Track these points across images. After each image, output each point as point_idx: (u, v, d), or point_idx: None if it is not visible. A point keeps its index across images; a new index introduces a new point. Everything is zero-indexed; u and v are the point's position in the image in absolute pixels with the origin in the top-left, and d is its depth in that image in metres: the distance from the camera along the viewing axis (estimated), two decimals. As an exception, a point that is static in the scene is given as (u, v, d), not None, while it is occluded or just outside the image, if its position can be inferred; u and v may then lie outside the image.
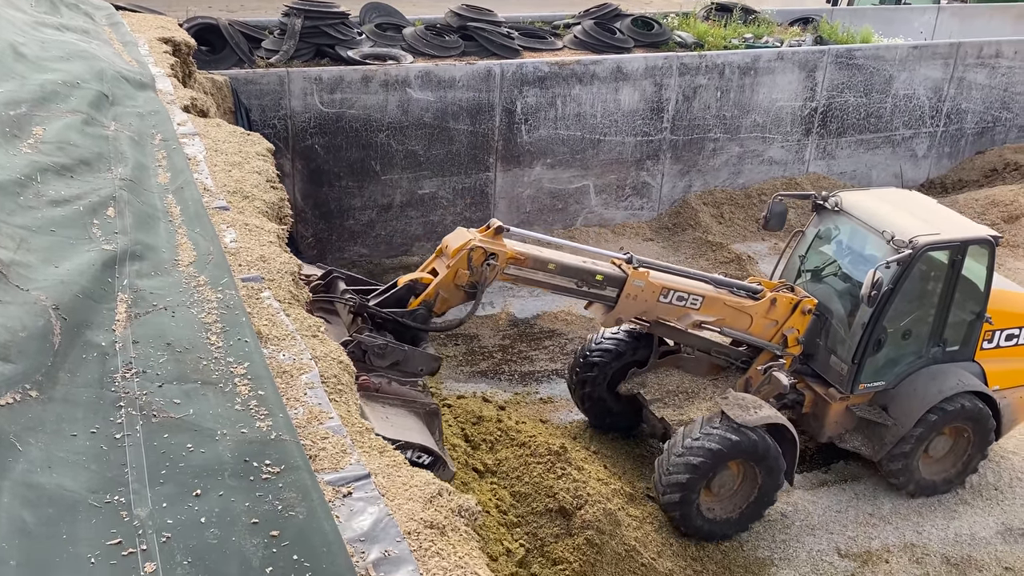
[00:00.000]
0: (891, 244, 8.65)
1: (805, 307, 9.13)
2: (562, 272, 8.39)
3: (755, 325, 9.10)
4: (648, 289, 8.63)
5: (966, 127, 17.60)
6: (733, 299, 9.02)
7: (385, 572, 3.15)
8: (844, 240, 9.67)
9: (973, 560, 8.87)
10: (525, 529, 8.08)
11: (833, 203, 9.38)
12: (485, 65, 13.56)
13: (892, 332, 9.10)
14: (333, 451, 3.79)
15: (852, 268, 9.46)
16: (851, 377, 9.08)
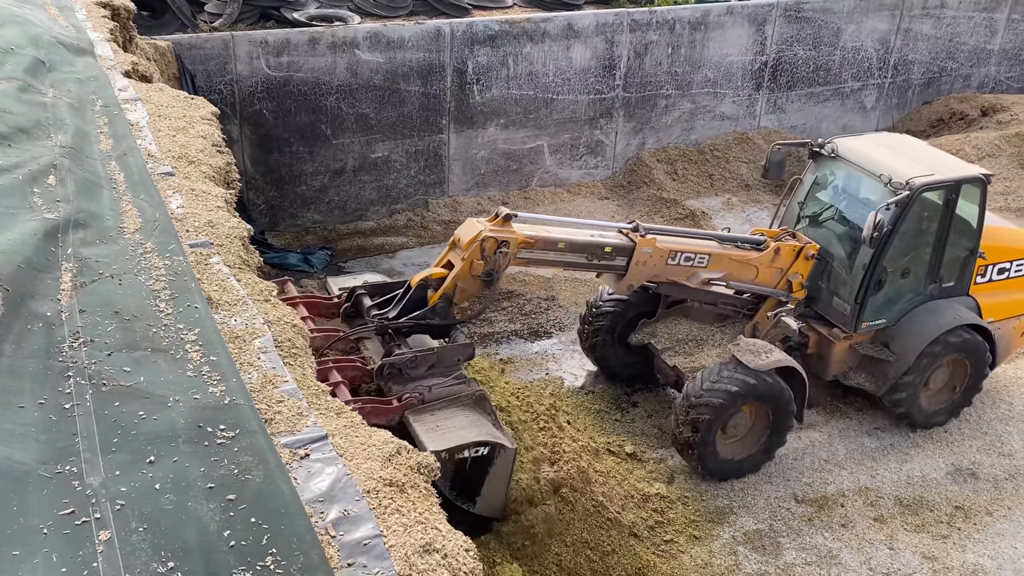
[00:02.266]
0: (888, 187, 8.97)
1: (808, 253, 9.47)
2: (571, 249, 8.54)
3: (761, 275, 9.43)
4: (656, 254, 8.86)
5: (913, 78, 17.79)
6: (738, 253, 9.33)
7: (345, 531, 3.15)
8: (841, 185, 9.96)
9: (925, 500, 9.12)
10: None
11: (829, 150, 9.69)
12: (434, 24, 13.38)
13: (892, 271, 9.47)
14: (289, 414, 3.76)
15: (850, 212, 9.77)
16: (854, 316, 9.45)
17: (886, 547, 8.53)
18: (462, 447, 6.79)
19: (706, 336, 9.81)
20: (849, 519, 8.82)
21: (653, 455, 9.54)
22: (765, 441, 9.17)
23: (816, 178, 10.02)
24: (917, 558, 8.43)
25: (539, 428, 8.44)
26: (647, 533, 8.46)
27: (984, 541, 8.68)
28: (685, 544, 8.44)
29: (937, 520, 8.89)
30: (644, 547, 8.27)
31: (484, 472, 7.01)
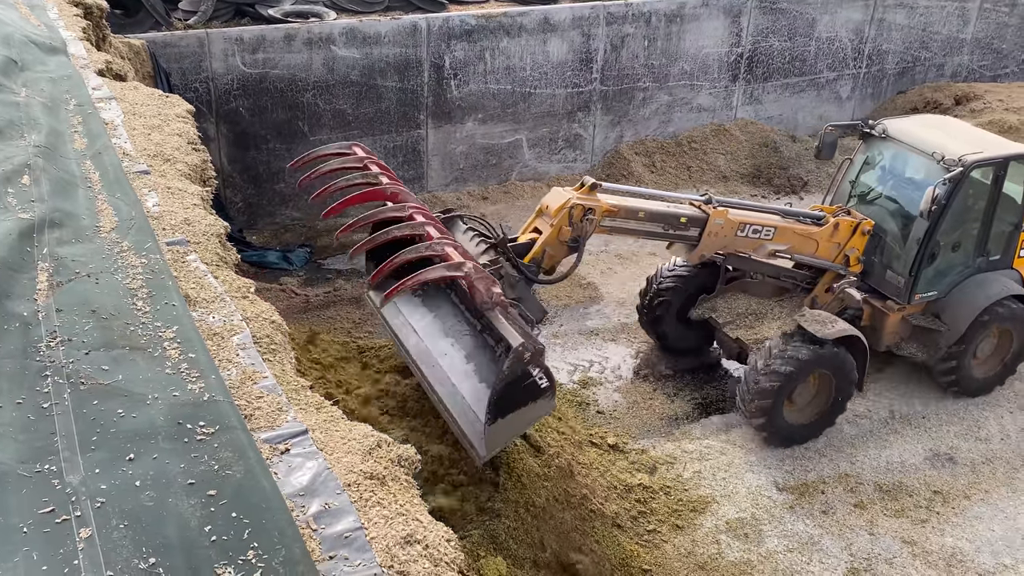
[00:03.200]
0: (941, 164, 9.40)
1: (864, 228, 9.93)
2: (651, 219, 8.96)
3: (820, 248, 9.88)
4: (727, 226, 9.28)
5: (887, 68, 17.93)
6: (801, 227, 9.77)
7: (326, 524, 3.16)
8: (890, 164, 10.39)
9: (904, 486, 9.22)
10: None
11: (880, 130, 10.11)
12: (411, 19, 13.36)
13: (944, 245, 9.93)
14: (269, 410, 3.77)
15: (900, 189, 10.27)
16: (908, 289, 9.94)
17: (866, 532, 8.62)
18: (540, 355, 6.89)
19: (765, 310, 10.22)
20: (830, 505, 8.91)
21: (635, 446, 9.59)
22: (828, 408, 9.60)
23: (867, 158, 10.46)
24: (897, 542, 8.52)
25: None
26: (630, 523, 8.52)
27: (962, 524, 8.79)
28: (668, 534, 8.50)
29: (916, 505, 8.99)
30: (627, 537, 8.32)
31: (524, 403, 7.05)
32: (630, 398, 10.35)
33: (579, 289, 12.43)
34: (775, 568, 8.17)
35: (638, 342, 11.34)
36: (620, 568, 8.00)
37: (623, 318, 11.83)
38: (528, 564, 7.49)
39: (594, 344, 11.31)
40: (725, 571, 8.11)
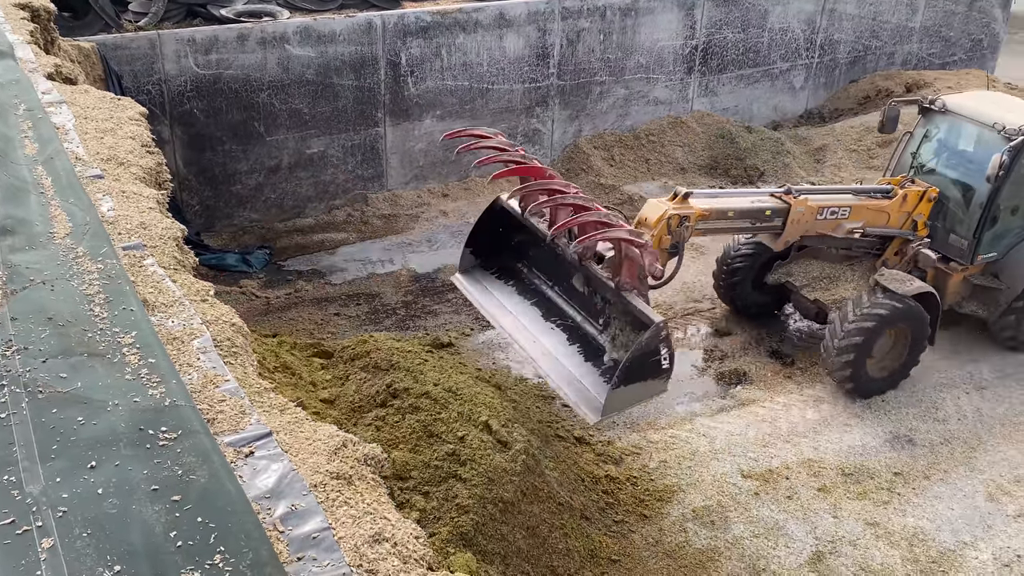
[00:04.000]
0: (1003, 134, 10.20)
1: (930, 195, 10.70)
2: (739, 216, 9.74)
3: (892, 219, 10.64)
4: (808, 212, 10.03)
5: (839, 57, 18.18)
6: (873, 202, 10.55)
7: (293, 525, 3.14)
8: (949, 136, 11.14)
9: (866, 469, 9.38)
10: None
11: (940, 105, 10.94)
12: (365, 17, 13.29)
13: (1003, 209, 10.69)
14: (232, 413, 3.73)
15: (960, 159, 11.00)
16: (971, 251, 10.75)
17: (830, 516, 8.75)
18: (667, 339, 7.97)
19: (838, 273, 10.88)
20: (794, 490, 9.04)
21: (601, 438, 9.65)
22: (903, 362, 10.37)
23: (927, 131, 11.19)
24: (860, 524, 8.67)
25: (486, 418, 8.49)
26: (598, 515, 8.57)
27: (923, 504, 8.96)
28: (635, 524, 8.56)
29: (878, 487, 9.15)
30: (595, 529, 8.37)
31: (645, 377, 8.06)
32: (595, 391, 10.40)
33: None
34: (742, 554, 8.26)
35: (602, 335, 11.39)
36: (589, 560, 8.05)
37: (586, 311, 11.87)
38: (497, 559, 7.52)
39: (558, 338, 11.33)
40: (692, 559, 8.19)
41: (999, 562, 8.35)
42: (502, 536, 7.60)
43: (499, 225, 9.90)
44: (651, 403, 10.23)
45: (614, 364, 8.46)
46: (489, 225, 9.95)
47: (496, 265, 10.05)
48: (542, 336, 9.13)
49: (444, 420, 8.25)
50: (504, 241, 9.97)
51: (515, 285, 9.82)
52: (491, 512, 7.59)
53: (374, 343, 9.43)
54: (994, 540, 8.59)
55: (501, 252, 10.03)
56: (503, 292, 9.75)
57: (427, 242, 13.42)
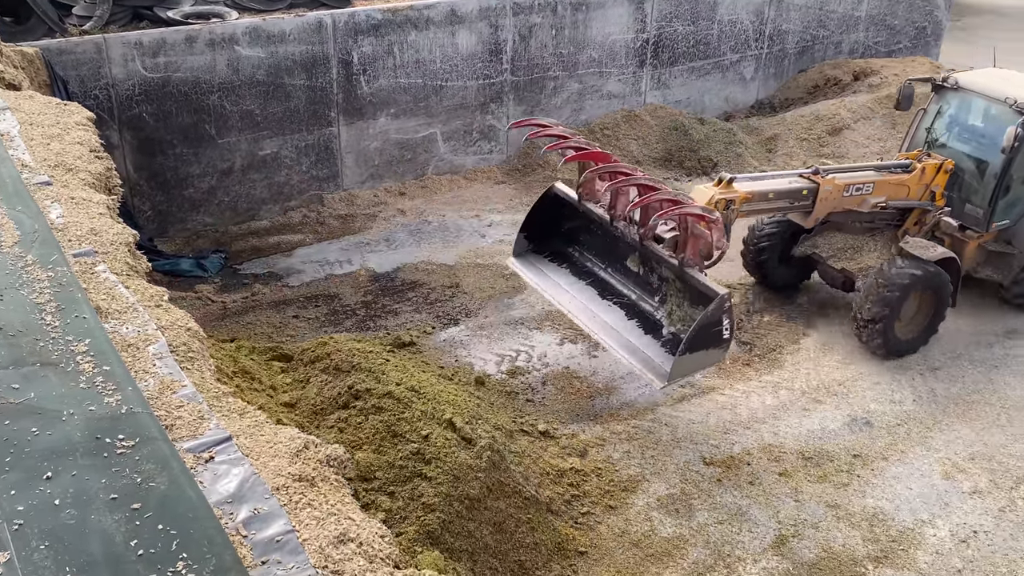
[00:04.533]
0: (1014, 108, 10.84)
1: (947, 167, 11.34)
2: (778, 197, 10.35)
3: (912, 192, 11.28)
4: (835, 190, 10.62)
5: (788, 47, 18.40)
6: (894, 177, 11.15)
7: (257, 529, 3.12)
8: (962, 111, 11.76)
9: (825, 452, 9.52)
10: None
11: (952, 82, 11.60)
12: (315, 16, 13.17)
13: (1016, 179, 11.29)
14: (190, 418, 3.70)
15: (973, 132, 11.63)
16: (986, 219, 11.37)
17: (792, 499, 8.87)
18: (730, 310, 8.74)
19: (860, 244, 11.48)
20: (756, 476, 9.14)
21: (565, 431, 9.68)
22: (928, 323, 11.02)
23: (940, 107, 11.82)
24: (822, 507, 8.80)
25: (450, 415, 8.49)
26: (564, 508, 8.60)
27: (882, 485, 9.12)
28: (602, 515, 8.61)
29: (838, 469, 9.29)
30: (562, 521, 8.40)
31: (708, 346, 8.78)
32: (558, 384, 10.44)
33: (502, 280, 12.47)
34: (707, 540, 8.35)
35: (563, 328, 11.44)
36: (556, 552, 8.09)
37: (547, 306, 11.90)
38: (465, 556, 7.52)
39: (520, 333, 11.36)
40: (659, 547, 8.26)
41: (956, 538, 8.53)
42: (469, 533, 7.60)
43: (553, 212, 10.62)
44: (613, 394, 10.31)
45: (673, 336, 9.30)
46: (543, 211, 10.63)
47: (548, 250, 10.77)
48: (601, 312, 9.87)
49: (407, 419, 8.22)
50: (556, 227, 10.69)
51: (568, 268, 10.55)
52: (457, 510, 7.59)
53: (334, 344, 9.37)
54: (951, 517, 8.77)
55: (553, 237, 10.75)
56: (558, 274, 10.49)
57: (385, 241, 13.36)
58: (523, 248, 10.78)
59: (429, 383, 9.25)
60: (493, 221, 13.96)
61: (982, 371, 10.90)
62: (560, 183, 10.70)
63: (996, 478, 9.27)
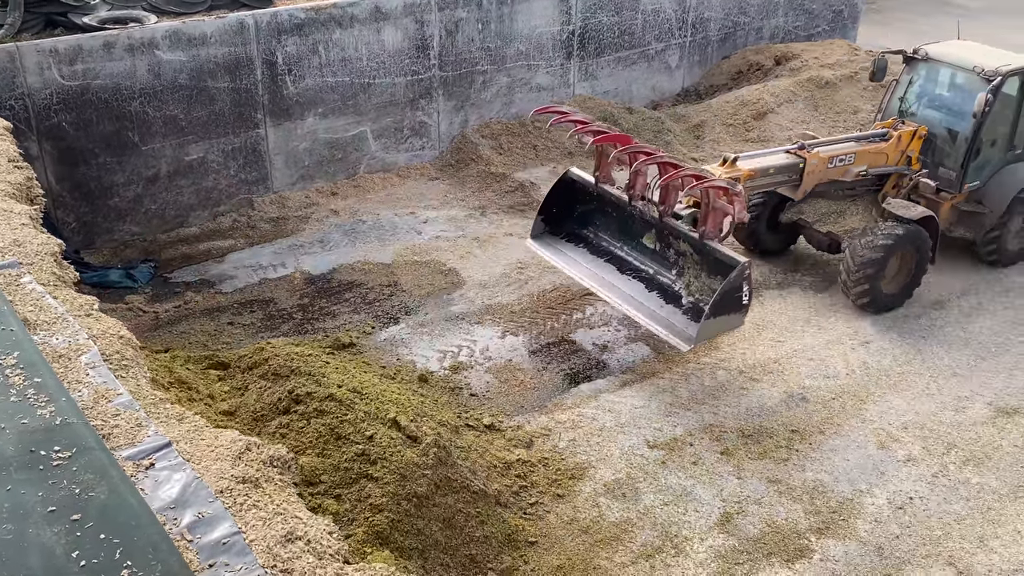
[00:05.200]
0: (982, 76, 11.66)
1: (921, 133, 12.13)
2: (778, 172, 11.15)
3: (890, 159, 12.03)
4: (820, 163, 11.41)
5: (711, 35, 18.68)
6: (874, 146, 11.92)
7: (202, 533, 3.08)
8: (932, 81, 12.59)
9: (764, 429, 9.72)
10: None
11: (922, 54, 12.43)
12: (236, 17, 12.96)
13: (985, 142, 12.11)
14: (128, 426, 3.63)
15: (944, 100, 12.46)
16: (959, 180, 12.17)
17: (735, 477, 9.04)
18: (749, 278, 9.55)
19: (843, 208, 12.16)
20: (699, 456, 9.30)
21: (511, 423, 9.71)
22: (909, 280, 11.74)
23: (911, 78, 12.66)
24: (763, 483, 8.98)
25: (394, 414, 8.45)
26: (513, 499, 8.63)
27: (820, 459, 9.34)
28: (550, 504, 8.66)
29: (777, 445, 9.49)
30: (511, 513, 8.44)
31: (728, 312, 9.60)
32: (501, 377, 10.47)
33: (440, 276, 12.46)
34: (654, 522, 8.46)
35: (505, 322, 11.47)
36: (507, 544, 8.11)
37: (487, 300, 11.93)
38: (416, 554, 7.50)
39: (461, 329, 11.36)
40: (607, 532, 8.34)
41: (893, 505, 8.79)
42: (419, 531, 7.58)
43: (568, 195, 11.45)
44: (556, 384, 10.38)
45: (693, 304, 10.13)
46: (559, 195, 11.46)
47: (564, 232, 11.59)
48: (622, 285, 10.70)
49: (351, 421, 8.16)
50: (571, 210, 11.55)
51: (586, 247, 11.39)
52: (406, 508, 7.57)
53: (272, 350, 9.26)
54: (887, 485, 9.03)
55: (569, 220, 11.60)
56: (576, 252, 11.34)
57: (319, 243, 13.22)
58: (540, 230, 11.54)
59: (371, 383, 9.20)
60: (429, 218, 13.92)
61: (911, 342, 11.25)
62: (575, 168, 11.60)
63: (928, 445, 9.57)
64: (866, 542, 8.36)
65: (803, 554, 8.21)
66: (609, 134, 10.66)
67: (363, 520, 7.42)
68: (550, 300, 11.92)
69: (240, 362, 9.26)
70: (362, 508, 7.49)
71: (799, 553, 8.22)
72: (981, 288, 12.43)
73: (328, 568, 3.03)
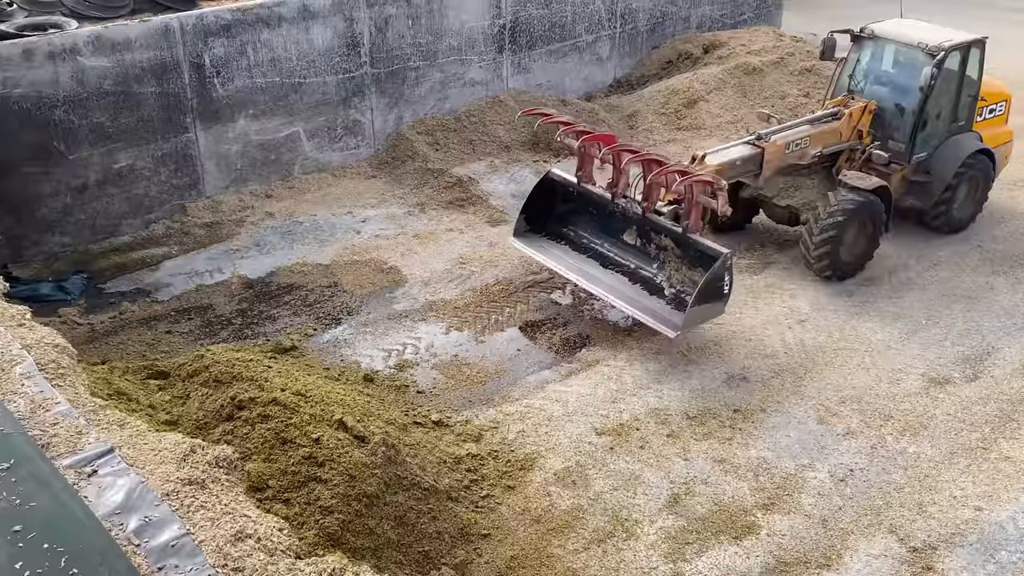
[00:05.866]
0: (925, 51, 12.20)
1: (870, 108, 12.70)
2: (743, 163, 11.57)
3: (843, 136, 12.57)
4: (777, 151, 11.83)
5: (640, 25, 18.88)
6: (828, 127, 12.41)
7: (149, 537, 3.04)
8: (879, 57, 13.05)
9: (708, 410, 9.88)
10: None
11: (868, 32, 12.94)
12: (161, 20, 12.71)
13: (930, 115, 12.67)
14: (67, 435, 3.56)
15: (891, 75, 12.97)
16: (908, 152, 12.75)
17: (681, 459, 9.18)
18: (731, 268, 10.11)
19: (799, 183, 12.73)
20: (645, 440, 9.41)
21: (459, 418, 9.72)
22: (866, 248, 12.22)
23: (859, 55, 13.14)
24: (709, 463, 9.14)
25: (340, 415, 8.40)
26: (464, 493, 8.64)
27: (762, 436, 9.54)
28: (501, 496, 8.70)
29: (721, 425, 9.66)
30: (463, 507, 8.45)
31: (711, 300, 10.17)
32: (448, 373, 10.47)
33: (381, 274, 12.40)
34: (604, 508, 8.55)
35: (448, 318, 11.46)
36: (460, 538, 8.13)
37: (430, 296, 11.91)
38: (368, 554, 7.47)
39: (405, 327, 11.32)
40: (559, 520, 8.41)
41: (835, 478, 9.01)
42: (370, 531, 7.55)
43: (550, 194, 11.93)
44: (503, 377, 10.41)
45: (676, 295, 10.60)
46: (542, 194, 11.92)
47: (546, 230, 12.05)
48: (606, 279, 11.14)
49: (296, 424, 8.08)
50: (553, 208, 12.02)
51: (568, 244, 11.84)
52: (356, 509, 7.53)
53: (212, 356, 9.11)
54: (828, 459, 9.26)
55: (550, 218, 12.05)
56: (559, 249, 11.75)
57: (256, 246, 13.05)
58: (523, 228, 11.98)
59: (316, 386, 9.12)
60: (367, 216, 13.84)
61: (845, 318, 11.54)
62: (556, 168, 12.15)
63: (866, 418, 9.83)
64: (810, 515, 8.56)
65: (750, 530, 8.38)
66: (594, 134, 11.23)
67: (313, 523, 7.35)
68: (493, 294, 11.95)
69: (180, 370, 9.10)
70: (312, 511, 7.42)
71: (746, 530, 8.38)
72: (911, 263, 12.81)
73: (280, 564, 3.01)
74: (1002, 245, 13.30)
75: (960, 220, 13.46)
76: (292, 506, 7.47)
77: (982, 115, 13.52)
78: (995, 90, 13.76)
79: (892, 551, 8.20)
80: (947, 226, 13.34)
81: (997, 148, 13.59)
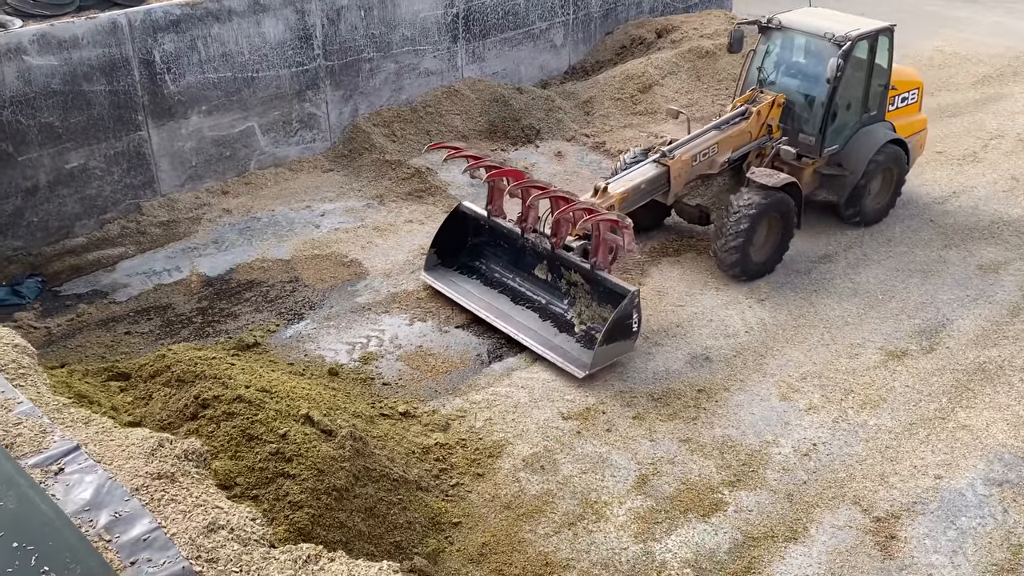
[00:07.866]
0: (833, 41, 11.86)
1: (779, 101, 12.41)
2: (648, 186, 11.41)
3: (753, 135, 12.34)
4: (684, 166, 11.64)
5: (593, 11, 18.92)
6: (735, 129, 12.13)
7: (120, 532, 3.01)
8: (788, 48, 12.81)
9: (672, 391, 9.99)
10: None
11: (776, 22, 12.58)
12: (108, 17, 12.48)
13: (840, 106, 12.38)
14: (31, 434, 3.51)
15: (800, 67, 12.72)
16: (819, 145, 12.41)
17: (647, 440, 9.27)
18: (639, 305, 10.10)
19: (710, 180, 12.46)
20: (612, 423, 9.50)
21: (426, 409, 9.73)
22: (777, 246, 11.99)
23: (767, 47, 12.79)
24: (675, 443, 9.24)
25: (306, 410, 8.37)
26: (434, 483, 8.67)
27: (727, 415, 9.66)
28: (471, 483, 8.73)
29: (685, 405, 9.77)
30: (433, 497, 8.47)
31: (619, 338, 10.09)
32: (413, 364, 10.46)
33: (342, 268, 12.33)
34: (573, 491, 8.62)
35: (412, 309, 11.44)
36: (431, 527, 8.15)
37: (392, 288, 11.88)
38: (340, 547, 7.45)
39: (368, 319, 11.28)
40: (529, 505, 8.46)
41: (799, 453, 9.17)
42: (341, 524, 7.55)
43: (460, 228, 11.75)
44: (468, 366, 10.43)
45: (586, 332, 10.34)
46: (452, 227, 11.73)
47: (457, 263, 11.82)
48: (516, 315, 10.89)
49: (262, 421, 8.03)
50: (463, 242, 11.83)
51: (479, 278, 11.58)
52: (326, 502, 7.52)
53: (173, 356, 9.02)
54: (792, 434, 9.41)
55: (461, 252, 11.85)
56: (470, 284, 11.50)
57: (214, 243, 12.91)
58: (434, 262, 11.80)
59: (280, 381, 9.08)
60: (326, 210, 13.75)
61: (803, 296, 11.71)
62: (467, 201, 11.90)
63: (827, 393, 10.00)
64: (776, 490, 8.70)
65: (718, 507, 8.49)
66: (502, 169, 11.03)
67: (283, 519, 7.32)
68: (455, 283, 11.94)
69: (141, 371, 8.99)
70: (281, 507, 7.39)
71: (714, 507, 8.50)
72: (866, 240, 13.02)
73: (254, 553, 3.00)
74: (953, 219, 13.57)
75: (875, 212, 13.21)
76: (261, 503, 7.41)
77: (894, 104, 13.17)
78: (907, 78, 13.47)
79: (856, 521, 8.37)
80: (862, 219, 13.08)
81: (911, 137, 13.27)
